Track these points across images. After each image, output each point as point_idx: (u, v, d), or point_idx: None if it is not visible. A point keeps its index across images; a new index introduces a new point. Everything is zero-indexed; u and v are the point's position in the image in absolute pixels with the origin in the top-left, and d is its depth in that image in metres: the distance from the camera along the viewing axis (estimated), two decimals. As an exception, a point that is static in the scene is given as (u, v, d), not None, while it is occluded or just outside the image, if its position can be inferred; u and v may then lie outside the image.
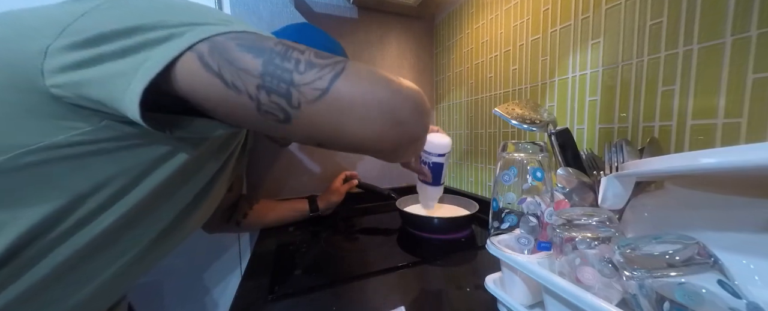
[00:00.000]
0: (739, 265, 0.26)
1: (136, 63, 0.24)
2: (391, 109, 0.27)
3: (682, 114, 0.42)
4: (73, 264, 0.30)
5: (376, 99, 0.26)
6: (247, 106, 0.26)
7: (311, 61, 0.26)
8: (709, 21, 0.39)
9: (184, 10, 0.27)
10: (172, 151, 0.33)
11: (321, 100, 0.25)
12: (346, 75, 0.26)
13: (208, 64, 0.25)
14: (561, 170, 0.42)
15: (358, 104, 0.26)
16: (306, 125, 0.27)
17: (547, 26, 0.62)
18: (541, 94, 0.65)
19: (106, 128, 0.28)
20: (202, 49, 0.25)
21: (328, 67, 0.26)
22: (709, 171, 0.23)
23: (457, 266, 0.55)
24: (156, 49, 0.24)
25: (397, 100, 0.27)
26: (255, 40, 0.26)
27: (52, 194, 0.28)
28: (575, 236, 0.30)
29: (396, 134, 0.28)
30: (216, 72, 0.25)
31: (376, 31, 0.96)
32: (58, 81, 0.25)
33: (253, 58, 0.25)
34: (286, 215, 0.75)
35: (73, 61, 0.25)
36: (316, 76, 0.25)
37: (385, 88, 0.27)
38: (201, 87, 0.25)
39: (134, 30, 0.25)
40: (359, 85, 0.26)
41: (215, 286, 0.85)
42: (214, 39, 0.25)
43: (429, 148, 0.63)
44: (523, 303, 0.36)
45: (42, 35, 0.25)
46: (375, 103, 0.26)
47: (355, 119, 0.26)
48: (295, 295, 0.45)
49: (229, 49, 0.25)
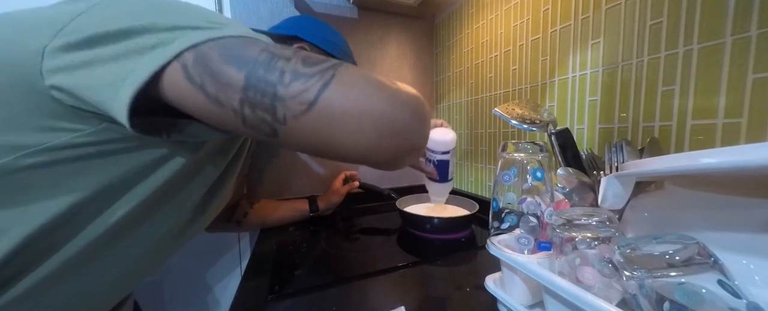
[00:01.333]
0: (739, 265, 0.26)
1: (125, 71, 0.24)
2: (387, 119, 0.25)
3: (682, 114, 0.42)
4: (77, 264, 0.30)
5: (368, 109, 0.24)
6: (232, 119, 0.25)
7: (297, 71, 0.24)
8: (709, 21, 0.39)
9: (176, 12, 0.27)
10: (171, 153, 0.32)
11: (308, 113, 0.24)
12: (335, 84, 0.24)
13: (191, 77, 0.24)
14: (561, 170, 0.42)
15: (350, 115, 0.24)
16: (295, 138, 0.26)
17: (547, 26, 0.62)
18: (541, 94, 0.65)
19: (106, 131, 0.28)
20: (187, 60, 0.24)
21: (317, 76, 0.24)
22: (709, 171, 0.23)
23: (457, 266, 0.55)
24: (144, 57, 0.24)
25: (393, 109, 0.25)
26: (240, 49, 0.25)
27: (55, 195, 0.28)
28: (575, 236, 0.30)
29: (392, 145, 0.26)
30: (199, 85, 0.24)
31: (376, 31, 0.96)
32: (56, 82, 0.25)
33: (236, 71, 0.24)
34: (287, 215, 0.76)
35: (67, 63, 0.24)
36: (302, 88, 0.24)
37: (380, 96, 0.25)
38: (186, 99, 0.25)
39: (125, 33, 0.24)
40: (350, 94, 0.24)
41: (216, 286, 0.85)
42: (199, 48, 0.24)
43: (433, 146, 0.61)
44: (523, 303, 0.36)
45: (40, 35, 0.25)
46: (368, 113, 0.24)
47: (347, 131, 0.24)
48: (295, 295, 0.45)
49: (213, 60, 0.24)
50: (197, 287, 0.83)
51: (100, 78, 0.24)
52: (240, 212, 0.67)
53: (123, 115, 0.24)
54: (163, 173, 0.33)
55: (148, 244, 0.36)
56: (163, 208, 0.36)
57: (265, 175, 0.86)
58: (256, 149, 0.81)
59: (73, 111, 0.26)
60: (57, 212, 0.28)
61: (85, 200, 0.29)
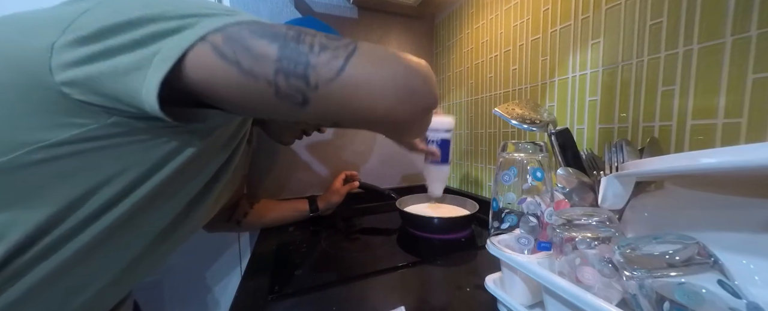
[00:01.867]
0: (739, 265, 0.26)
1: (149, 55, 0.24)
2: (405, 81, 0.29)
3: (682, 114, 0.42)
4: (81, 259, 0.30)
5: (389, 74, 0.28)
6: (265, 91, 0.26)
7: (324, 43, 0.27)
8: (709, 21, 0.39)
9: (190, 2, 0.27)
10: (179, 145, 0.33)
11: (337, 79, 0.26)
12: (359, 54, 0.27)
13: (223, 54, 0.25)
14: (561, 170, 0.42)
15: (374, 78, 0.28)
16: (322, 105, 0.28)
17: (547, 26, 0.62)
18: (541, 94, 0.65)
19: (114, 125, 0.28)
20: (216, 40, 0.25)
21: (341, 48, 0.27)
22: (709, 171, 0.23)
23: (457, 266, 0.55)
24: (167, 41, 0.25)
25: (409, 72, 0.29)
26: (267, 27, 0.27)
27: (61, 191, 0.28)
28: (575, 236, 0.30)
29: (411, 104, 0.30)
30: (232, 60, 0.25)
31: (376, 31, 0.96)
32: (69, 77, 0.25)
33: (268, 43, 0.26)
34: (287, 215, 0.76)
35: (83, 55, 0.24)
36: (331, 56, 0.26)
37: (397, 63, 0.29)
38: (216, 77, 0.26)
39: (141, 21, 0.25)
40: (372, 62, 0.28)
41: (216, 286, 0.85)
42: (227, 29, 0.26)
43: (436, 125, 0.65)
44: (523, 303, 0.36)
45: (47, 33, 0.25)
46: (390, 77, 0.28)
47: (372, 93, 0.28)
48: (295, 295, 0.45)
49: (244, 37, 0.26)
50: (197, 287, 0.83)
51: (124, 65, 0.24)
52: (240, 212, 0.67)
53: (152, 99, 0.24)
54: (172, 165, 0.33)
55: (148, 240, 0.36)
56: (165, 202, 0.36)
57: (265, 175, 0.86)
58: (256, 149, 0.82)
59: (82, 106, 0.26)
60: (63, 206, 0.28)
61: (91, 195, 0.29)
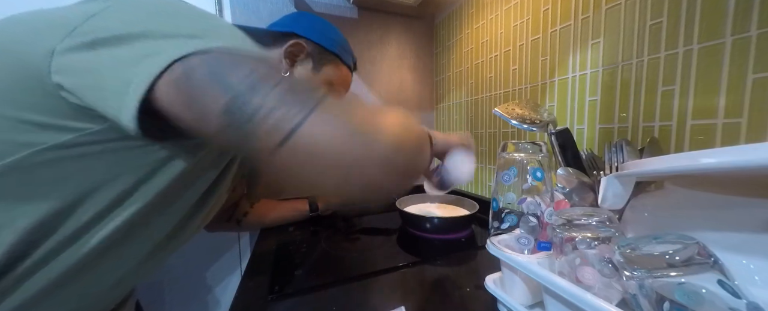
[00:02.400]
0: (739, 265, 0.26)
1: (125, 80, 0.24)
2: (355, 168, 0.24)
3: (682, 114, 0.42)
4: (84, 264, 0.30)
5: (339, 153, 0.24)
6: (215, 139, 0.26)
7: (280, 99, 0.24)
8: (709, 21, 0.39)
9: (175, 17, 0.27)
10: (175, 154, 0.33)
11: (279, 151, 0.23)
12: (313, 120, 0.23)
13: (179, 90, 0.24)
14: (561, 170, 0.42)
15: (319, 156, 0.24)
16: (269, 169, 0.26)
17: (547, 26, 0.62)
18: (541, 94, 0.65)
19: (111, 129, 0.28)
20: (176, 73, 0.24)
21: (297, 107, 0.24)
22: (709, 171, 0.23)
23: (457, 266, 0.55)
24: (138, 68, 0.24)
25: (364, 159, 0.24)
26: (227, 68, 0.24)
27: (58, 193, 0.28)
28: (575, 236, 0.30)
29: (361, 191, 0.26)
30: (184, 102, 0.24)
31: (376, 31, 0.96)
32: (61, 81, 0.25)
33: (219, 94, 0.23)
34: (286, 214, 0.75)
35: (72, 64, 0.25)
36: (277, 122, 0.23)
37: (353, 142, 0.24)
38: (174, 111, 0.25)
39: (123, 39, 0.25)
40: (325, 134, 0.24)
41: (216, 286, 0.85)
42: (188, 61, 0.24)
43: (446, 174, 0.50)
44: (523, 303, 0.36)
45: (52, 36, 0.25)
46: (337, 159, 0.24)
47: (315, 172, 0.24)
48: (295, 295, 0.45)
49: (197, 78, 0.24)
50: (197, 287, 0.83)
51: (103, 83, 0.24)
52: (240, 212, 0.67)
53: (131, 123, 0.24)
54: (169, 172, 0.33)
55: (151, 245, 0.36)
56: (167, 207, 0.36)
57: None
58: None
59: (80, 109, 0.26)
60: (59, 208, 0.28)
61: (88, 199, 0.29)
